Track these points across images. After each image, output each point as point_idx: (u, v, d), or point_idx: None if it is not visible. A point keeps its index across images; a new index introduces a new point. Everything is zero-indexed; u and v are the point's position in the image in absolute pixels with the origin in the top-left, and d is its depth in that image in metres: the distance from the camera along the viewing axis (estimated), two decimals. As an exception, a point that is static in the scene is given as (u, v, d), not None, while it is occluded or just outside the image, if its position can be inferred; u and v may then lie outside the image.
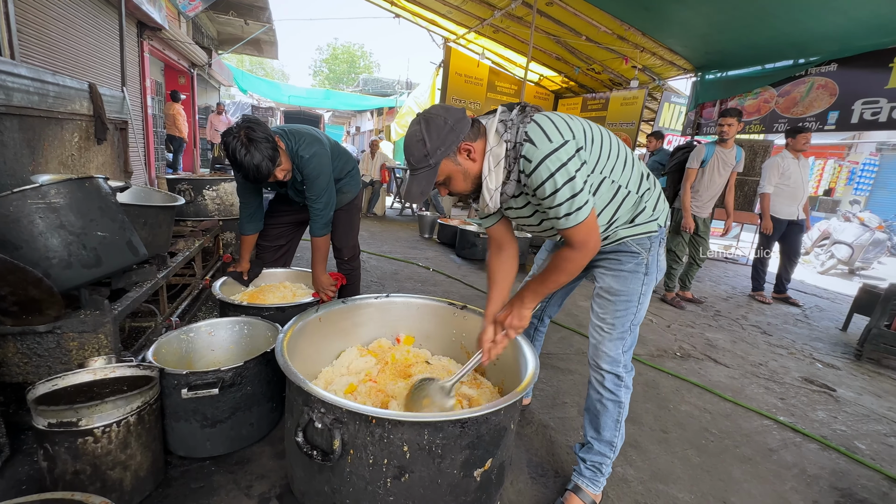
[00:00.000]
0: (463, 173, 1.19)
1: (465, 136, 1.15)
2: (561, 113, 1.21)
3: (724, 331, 3.42)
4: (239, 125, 1.73)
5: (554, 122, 1.13)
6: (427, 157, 1.13)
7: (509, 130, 1.13)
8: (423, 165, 1.14)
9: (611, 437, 1.38)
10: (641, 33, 5.95)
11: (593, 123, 1.25)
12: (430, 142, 1.12)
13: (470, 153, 1.16)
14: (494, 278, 1.42)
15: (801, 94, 5.34)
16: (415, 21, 8.32)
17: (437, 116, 1.14)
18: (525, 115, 1.15)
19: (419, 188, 1.16)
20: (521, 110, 1.17)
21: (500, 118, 1.16)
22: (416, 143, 1.14)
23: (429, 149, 1.12)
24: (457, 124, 1.13)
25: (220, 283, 2.09)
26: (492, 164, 1.16)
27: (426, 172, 1.15)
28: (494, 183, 1.18)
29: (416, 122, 1.16)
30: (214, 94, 11.58)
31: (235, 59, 25.25)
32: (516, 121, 1.14)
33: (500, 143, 1.14)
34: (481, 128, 1.19)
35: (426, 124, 1.13)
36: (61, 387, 1.17)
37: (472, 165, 1.18)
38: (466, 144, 1.15)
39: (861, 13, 4.14)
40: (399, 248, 4.91)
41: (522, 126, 1.12)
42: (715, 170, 3.64)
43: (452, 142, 1.13)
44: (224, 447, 1.43)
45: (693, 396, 2.27)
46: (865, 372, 2.92)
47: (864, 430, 2.13)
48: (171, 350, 1.55)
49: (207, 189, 3.18)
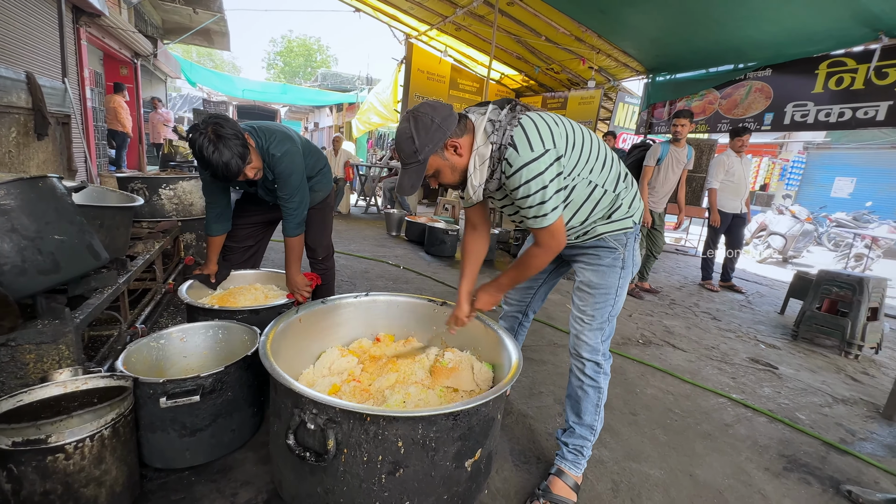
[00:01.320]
0: (450, 167, 1.25)
1: (451, 133, 1.20)
2: (550, 115, 1.25)
3: (679, 318, 3.66)
4: (206, 121, 1.65)
5: (539, 129, 1.17)
6: (416, 154, 1.18)
7: (496, 132, 1.18)
8: (413, 161, 1.20)
9: (591, 420, 1.45)
10: (597, 35, 6.19)
11: (577, 125, 1.31)
12: (419, 139, 1.17)
13: (457, 149, 1.22)
14: (467, 256, 1.55)
15: (742, 97, 5.76)
16: (376, 16, 8.20)
17: (425, 115, 1.18)
18: (514, 116, 1.20)
19: (410, 182, 1.22)
20: (511, 110, 1.21)
21: (490, 118, 1.20)
22: (406, 140, 1.19)
23: (417, 146, 1.17)
24: (443, 122, 1.18)
25: (186, 287, 2.00)
26: (477, 163, 1.22)
27: (416, 167, 1.21)
28: (478, 180, 1.24)
29: (405, 120, 1.21)
30: (160, 87, 10.86)
31: (181, 49, 23.80)
32: (504, 122, 1.18)
33: (487, 143, 1.19)
34: (468, 123, 1.24)
35: (415, 122, 1.18)
36: (27, 402, 1.08)
37: (458, 160, 1.24)
38: (453, 141, 1.21)
39: (792, 24, 4.52)
40: (367, 247, 4.86)
41: (509, 129, 1.17)
42: (669, 167, 3.88)
43: (439, 139, 1.18)
44: (204, 456, 1.38)
45: (656, 380, 2.43)
46: (801, 350, 3.22)
47: (804, 403, 2.37)
48: (140, 358, 1.47)
49: (164, 188, 3.01)
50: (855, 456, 1.89)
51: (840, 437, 2.05)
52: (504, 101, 1.25)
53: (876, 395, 2.57)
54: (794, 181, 13.17)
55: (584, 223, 1.37)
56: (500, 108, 1.22)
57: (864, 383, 2.75)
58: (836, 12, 4.14)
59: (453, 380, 1.48)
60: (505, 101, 1.25)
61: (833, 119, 4.84)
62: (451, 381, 1.48)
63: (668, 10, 5.01)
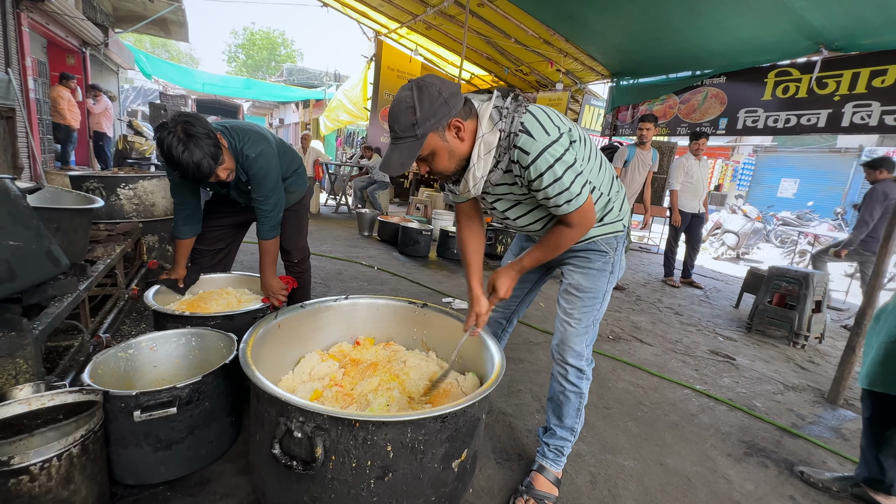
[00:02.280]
0: (449, 151, 1.13)
1: (457, 112, 1.08)
2: (550, 108, 1.20)
3: (645, 314, 3.83)
4: (175, 119, 1.58)
5: (549, 115, 1.13)
6: (415, 127, 1.05)
7: (504, 119, 1.10)
8: (409, 135, 1.06)
9: (572, 423, 1.48)
10: (565, 39, 6.35)
11: (579, 127, 1.28)
12: (421, 111, 1.04)
13: (459, 131, 1.11)
14: (469, 250, 1.46)
15: (699, 102, 6.06)
16: (344, 11, 8.07)
17: (432, 86, 1.06)
18: (519, 104, 1.12)
19: (400, 159, 1.09)
20: (515, 98, 1.14)
21: (496, 104, 1.12)
22: (405, 110, 1.05)
23: (418, 118, 1.04)
24: (451, 98, 1.07)
25: (152, 293, 1.90)
26: (482, 152, 1.13)
27: (411, 143, 1.07)
28: (482, 171, 1.16)
29: (406, 88, 1.07)
30: (112, 78, 10.21)
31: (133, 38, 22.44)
32: (511, 110, 1.11)
33: (494, 131, 1.11)
34: (472, 108, 1.14)
35: (419, 91, 1.05)
36: None
37: (459, 145, 1.13)
38: (457, 121, 1.09)
39: (743, 35, 4.80)
40: (340, 247, 4.78)
41: (518, 116, 1.10)
42: (635, 169, 4.04)
43: (444, 115, 1.06)
44: (181, 469, 1.32)
45: (627, 374, 2.53)
46: (755, 342, 3.45)
47: (759, 391, 2.54)
48: (108, 370, 1.39)
49: (123, 188, 2.85)
50: (805, 439, 2.05)
51: (792, 421, 2.22)
52: (506, 90, 1.16)
53: (821, 381, 2.79)
54: (745, 182, 14.03)
55: None
56: (503, 97, 1.14)
57: (811, 371, 2.98)
58: (782, 25, 4.44)
59: (452, 400, 1.48)
60: (507, 90, 1.16)
61: (780, 125, 5.19)
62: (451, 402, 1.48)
63: (632, 18, 5.21)
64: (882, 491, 1.56)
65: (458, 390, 1.59)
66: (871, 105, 4.44)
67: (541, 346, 2.80)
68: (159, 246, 3.03)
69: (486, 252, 5.05)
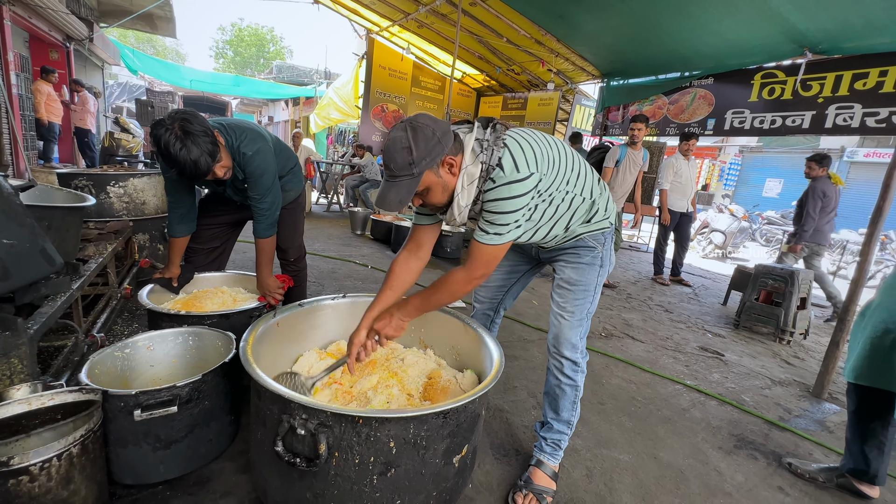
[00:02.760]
0: (442, 186, 1.19)
1: (448, 149, 1.15)
2: (530, 134, 1.25)
3: (636, 311, 3.88)
4: (172, 117, 1.56)
5: (524, 151, 1.19)
6: (412, 166, 1.10)
7: (485, 152, 1.17)
8: (406, 174, 1.11)
9: (568, 416, 1.52)
10: (556, 39, 6.40)
11: (555, 141, 1.32)
12: (417, 151, 1.09)
13: (452, 167, 1.17)
14: (391, 280, 1.39)
15: (687, 103, 6.16)
16: (335, 9, 8.01)
17: (426, 126, 1.12)
18: (498, 136, 1.19)
19: (398, 196, 1.13)
20: (493, 129, 1.20)
21: (477, 137, 1.19)
22: (401, 150, 1.10)
23: (414, 157, 1.09)
24: (444, 136, 1.13)
25: (146, 292, 1.89)
26: (465, 182, 1.19)
27: (408, 181, 1.12)
28: (466, 200, 1.22)
29: (401, 129, 1.12)
30: (97, 74, 10.00)
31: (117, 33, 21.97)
32: (491, 142, 1.17)
33: (476, 163, 1.17)
34: (461, 142, 1.20)
35: (413, 132, 1.10)
36: None
37: (451, 179, 1.19)
38: (450, 158, 1.16)
39: (731, 37, 4.89)
40: (333, 246, 4.76)
41: (496, 149, 1.17)
42: (627, 169, 4.10)
43: (438, 153, 1.12)
44: (180, 468, 1.32)
45: (619, 370, 2.57)
46: (743, 338, 3.52)
47: (747, 386, 2.60)
48: (105, 369, 1.38)
49: (113, 185, 2.81)
50: (792, 432, 2.11)
51: (779, 415, 2.28)
52: (486, 120, 1.24)
53: (806, 376, 2.87)
54: (732, 182, 14.29)
55: (566, 229, 1.42)
56: (483, 128, 1.21)
57: (796, 366, 3.06)
58: (767, 29, 4.53)
59: (451, 398, 1.50)
60: (486, 120, 1.24)
61: (766, 126, 5.29)
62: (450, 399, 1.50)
63: (622, 19, 5.27)
64: (866, 481, 1.61)
65: (457, 387, 1.60)
66: (853, 107, 4.56)
67: (535, 343, 2.83)
68: (150, 244, 2.99)
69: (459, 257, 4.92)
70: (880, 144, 12.68)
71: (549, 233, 1.41)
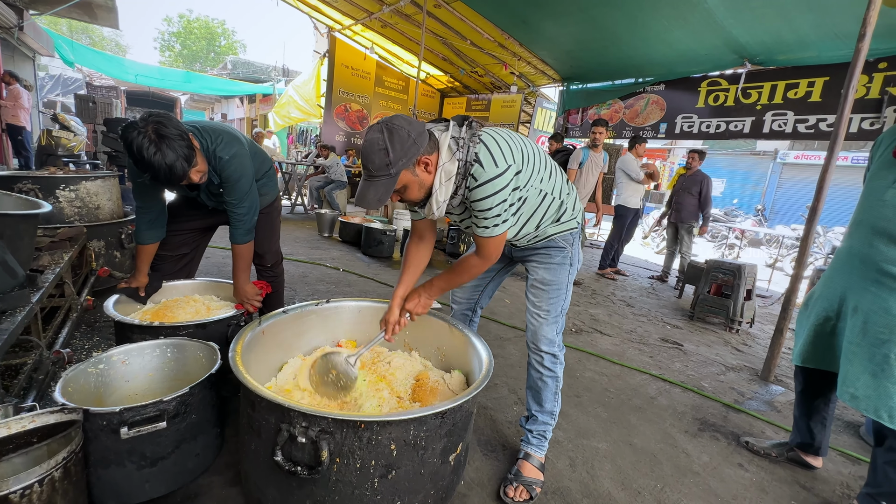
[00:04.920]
0: (419, 184, 1.25)
1: (424, 149, 1.20)
2: (503, 131, 1.34)
3: (601, 307, 4.07)
4: (146, 119, 1.49)
5: (500, 146, 1.26)
6: (388, 167, 1.16)
7: (461, 149, 1.23)
8: (384, 174, 1.17)
9: (551, 407, 1.59)
10: (519, 43, 6.57)
11: (527, 140, 1.41)
12: (393, 152, 1.15)
13: (427, 166, 1.24)
14: (408, 265, 1.57)
15: (641, 107, 6.50)
16: (295, 5, 7.79)
17: (401, 128, 1.17)
18: (473, 132, 1.26)
19: (377, 195, 1.20)
20: (469, 126, 1.27)
21: (453, 135, 1.25)
22: (378, 152, 1.16)
23: (391, 158, 1.15)
24: (419, 137, 1.19)
25: (112, 302, 1.78)
26: (443, 179, 1.25)
27: (385, 181, 1.18)
28: (444, 196, 1.28)
29: (377, 131, 1.18)
30: (27, 65, 9.14)
31: (47, 21, 20.18)
32: (466, 139, 1.24)
33: (453, 160, 1.23)
34: (435, 140, 1.26)
35: (389, 134, 1.16)
36: None
37: (427, 177, 1.26)
38: (425, 157, 1.22)
39: (680, 47, 5.23)
40: (301, 249, 4.65)
41: (472, 146, 1.23)
42: (589, 171, 4.29)
43: (413, 154, 1.18)
44: (167, 486, 1.26)
45: (591, 364, 2.70)
46: (697, 329, 3.79)
47: (705, 373, 2.81)
48: (77, 387, 1.30)
49: (63, 189, 2.62)
50: (746, 413, 2.31)
51: (734, 398, 2.48)
52: (461, 118, 1.30)
53: (754, 361, 3.13)
54: (680, 181, 15.19)
55: (537, 228, 1.50)
56: (458, 126, 1.27)
57: (745, 352, 3.33)
58: (711, 40, 4.88)
59: (440, 398, 1.53)
60: (461, 118, 1.30)
61: (712, 130, 5.69)
62: (439, 399, 1.53)
63: (582, 26, 5.50)
64: (812, 453, 1.81)
65: (446, 388, 1.63)
66: (786, 114, 5.00)
67: (511, 341, 2.91)
68: (106, 252, 2.80)
69: (449, 251, 5.13)
70: (808, 147, 13.94)
71: (521, 231, 1.49)
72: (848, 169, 11.81)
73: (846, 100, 2.46)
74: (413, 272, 1.56)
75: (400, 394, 1.59)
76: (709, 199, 5.12)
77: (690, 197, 5.09)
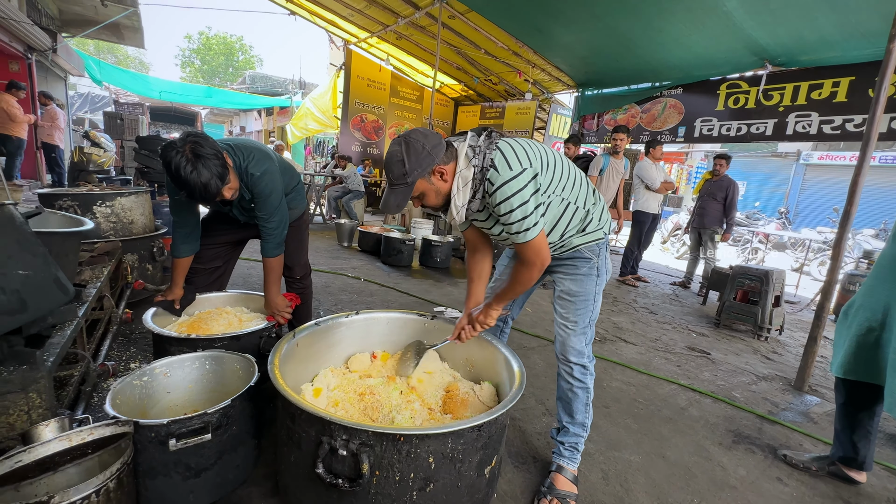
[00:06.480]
0: (435, 191, 1.34)
1: (439, 160, 1.29)
2: (523, 140, 1.37)
3: (623, 314, 4.02)
4: (183, 139, 1.55)
5: (515, 151, 1.30)
6: (405, 176, 1.27)
7: (477, 156, 1.29)
8: (401, 182, 1.28)
9: (583, 419, 1.58)
10: (533, 51, 6.59)
11: (550, 149, 1.43)
12: (409, 163, 1.25)
13: (443, 175, 1.32)
14: (472, 276, 1.65)
15: (659, 112, 6.44)
16: (312, 20, 7.98)
17: (417, 142, 1.27)
18: (491, 141, 1.32)
19: (396, 201, 1.31)
20: (488, 136, 1.33)
21: (470, 143, 1.31)
22: (397, 163, 1.27)
23: (407, 169, 1.26)
24: (433, 149, 1.28)
25: (150, 315, 1.84)
26: (460, 185, 1.32)
27: (403, 188, 1.29)
28: (462, 200, 1.34)
29: (397, 143, 1.29)
30: (59, 85, 9.56)
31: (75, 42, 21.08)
32: (483, 147, 1.30)
33: (469, 167, 1.30)
34: (453, 151, 1.33)
35: (406, 147, 1.26)
36: (27, 462, 0.96)
37: (443, 185, 1.33)
38: (440, 167, 1.30)
39: (699, 50, 5.18)
40: (322, 259, 4.72)
41: (489, 153, 1.29)
42: (610, 177, 4.26)
43: (428, 164, 1.27)
44: (209, 496, 1.29)
45: (618, 373, 2.67)
46: (724, 336, 3.71)
47: (736, 383, 2.74)
48: (125, 399, 1.34)
49: (99, 205, 2.72)
50: (782, 424, 2.25)
51: (768, 409, 2.42)
52: (480, 129, 1.36)
53: (786, 370, 3.05)
54: (698, 185, 14.93)
55: (561, 238, 1.50)
56: (477, 135, 1.34)
57: (776, 361, 3.24)
58: (730, 43, 4.82)
59: (471, 410, 1.54)
60: (481, 129, 1.36)
61: (733, 133, 5.60)
62: (470, 411, 1.54)
63: (597, 33, 5.49)
64: (855, 467, 1.75)
65: (476, 399, 1.64)
66: (811, 115, 4.89)
67: (535, 350, 2.89)
68: (140, 265, 2.90)
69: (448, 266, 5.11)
70: (832, 148, 13.57)
71: None
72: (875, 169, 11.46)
73: (878, 101, 2.41)
74: (479, 283, 1.63)
75: (431, 405, 1.60)
76: (734, 206, 5.06)
77: (715, 203, 5.01)
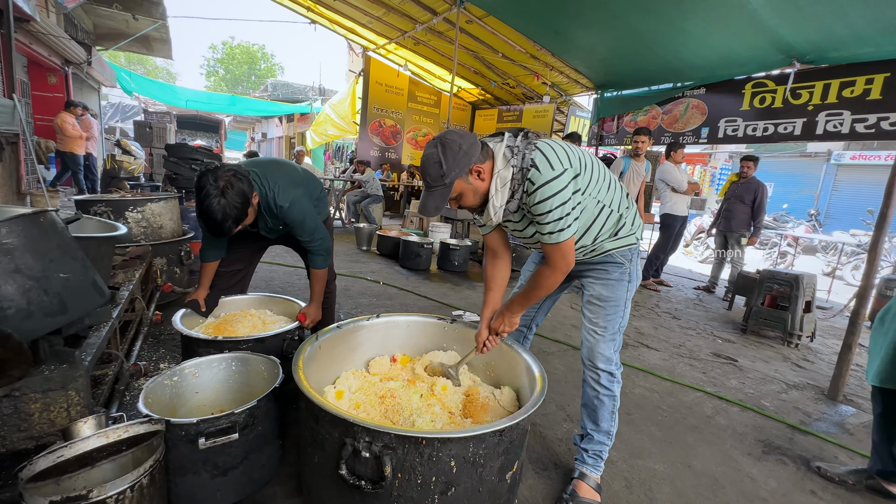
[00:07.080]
0: (473, 191, 1.33)
1: (476, 159, 1.28)
2: (558, 141, 1.37)
3: (645, 319, 3.94)
4: (221, 172, 1.62)
5: (556, 152, 1.29)
6: (443, 178, 1.26)
7: (515, 156, 1.29)
8: (439, 184, 1.27)
9: (608, 427, 1.56)
10: (551, 54, 6.56)
11: (585, 151, 1.43)
12: (446, 164, 1.24)
13: (480, 174, 1.31)
14: (489, 284, 1.60)
15: (680, 113, 6.31)
16: (332, 28, 8.14)
17: (453, 142, 1.26)
18: (529, 141, 1.31)
19: (434, 203, 1.30)
20: (525, 136, 1.33)
21: (508, 144, 1.31)
22: (434, 165, 1.26)
23: (444, 170, 1.25)
24: (470, 149, 1.27)
25: (180, 317, 1.90)
26: (498, 185, 1.31)
27: (441, 190, 1.28)
28: (500, 201, 1.33)
29: (433, 146, 1.28)
30: (93, 96, 10.01)
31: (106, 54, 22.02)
32: (521, 147, 1.29)
33: (508, 167, 1.29)
34: (489, 150, 1.33)
35: (443, 148, 1.26)
36: (67, 457, 1.01)
37: (481, 184, 1.32)
38: (477, 166, 1.29)
39: (722, 49, 5.06)
40: (341, 263, 4.78)
41: (528, 153, 1.28)
42: (631, 180, 4.19)
43: (465, 164, 1.26)
44: (235, 495, 1.33)
45: (640, 380, 2.62)
46: (752, 343, 3.59)
47: (765, 391, 2.65)
48: (156, 398, 1.39)
49: (131, 211, 2.84)
50: (815, 435, 2.16)
51: (799, 419, 2.33)
52: (517, 130, 1.36)
53: (818, 378, 2.93)
54: (722, 186, 14.54)
55: (594, 241, 1.48)
56: (514, 136, 1.33)
57: (807, 369, 3.12)
58: (756, 41, 4.70)
59: (491, 414, 1.54)
60: (517, 130, 1.36)
61: (759, 133, 5.44)
62: (490, 415, 1.54)
63: (615, 34, 5.43)
64: (895, 482, 1.66)
65: (496, 404, 1.63)
66: (842, 114, 4.71)
67: (554, 354, 2.86)
68: (168, 268, 3.00)
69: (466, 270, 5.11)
70: (866, 147, 13.04)
71: (577, 243, 1.47)
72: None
73: (916, 99, 2.30)
74: (496, 291, 1.59)
75: (451, 409, 1.60)
76: (763, 209, 4.91)
77: (743, 206, 4.87)
